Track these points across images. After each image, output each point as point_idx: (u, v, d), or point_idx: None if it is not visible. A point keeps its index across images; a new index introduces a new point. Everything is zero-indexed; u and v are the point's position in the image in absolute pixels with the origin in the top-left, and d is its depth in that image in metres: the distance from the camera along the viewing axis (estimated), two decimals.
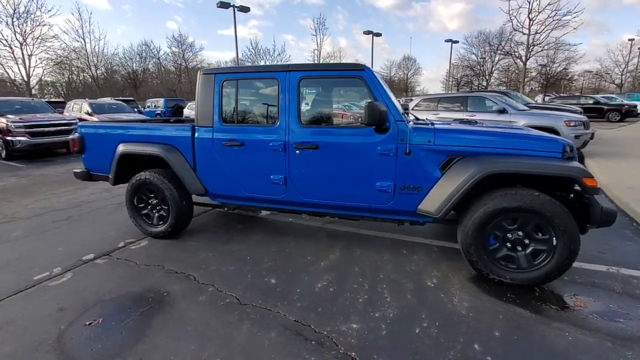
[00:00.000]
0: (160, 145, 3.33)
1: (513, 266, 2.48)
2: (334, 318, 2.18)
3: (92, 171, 3.82)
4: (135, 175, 3.43)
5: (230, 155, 3.09)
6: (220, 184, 3.23)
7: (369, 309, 2.28)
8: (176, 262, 2.99)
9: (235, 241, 3.44)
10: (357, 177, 2.80)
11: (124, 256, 3.13)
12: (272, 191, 3.06)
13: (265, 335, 2.03)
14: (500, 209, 2.38)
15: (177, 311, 2.29)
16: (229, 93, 3.11)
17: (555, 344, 1.93)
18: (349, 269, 2.83)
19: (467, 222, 2.50)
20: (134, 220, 3.55)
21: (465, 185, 2.42)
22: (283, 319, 2.18)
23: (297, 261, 2.98)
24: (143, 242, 3.45)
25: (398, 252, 3.12)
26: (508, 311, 2.23)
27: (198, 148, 3.20)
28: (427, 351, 1.88)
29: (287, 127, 2.89)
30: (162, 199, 3.40)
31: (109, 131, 3.61)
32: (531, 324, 2.11)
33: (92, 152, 3.73)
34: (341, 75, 2.85)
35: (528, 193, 2.34)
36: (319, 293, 2.48)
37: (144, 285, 2.63)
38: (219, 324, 2.14)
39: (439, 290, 2.49)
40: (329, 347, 1.92)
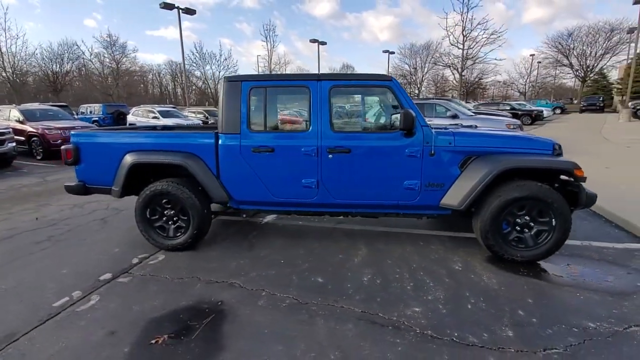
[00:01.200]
0: (180, 153, 3.21)
1: (522, 246, 2.96)
2: (395, 305, 2.40)
3: (89, 184, 3.48)
4: (148, 186, 3.24)
5: (259, 162, 3.12)
6: (247, 191, 3.22)
7: (420, 294, 2.54)
8: (210, 272, 2.92)
9: (259, 247, 3.45)
10: (387, 178, 3.06)
11: (147, 272, 2.95)
12: (303, 195, 3.16)
13: (344, 327, 2.17)
14: (512, 199, 2.84)
15: (242, 317, 2.28)
16: (256, 100, 3.14)
17: (575, 302, 2.40)
18: (383, 262, 3.07)
19: (484, 212, 2.92)
20: (145, 234, 3.33)
21: (485, 180, 2.83)
22: (351, 312, 2.33)
23: (330, 260, 3.13)
24: (159, 256, 3.27)
25: (416, 244, 3.45)
26: (528, 282, 2.68)
27: (223, 155, 3.16)
28: (487, 321, 2.20)
29: (319, 132, 3.04)
30: (181, 210, 3.27)
31: (111, 140, 3.35)
32: (549, 290, 2.58)
33: (89, 163, 3.41)
34: (370, 85, 3.10)
35: (533, 184, 2.84)
36: (368, 286, 2.67)
37: (190, 297, 2.54)
38: (293, 323, 2.21)
39: (467, 272, 2.86)
40: (406, 330, 2.13)
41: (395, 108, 3.11)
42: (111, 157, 3.33)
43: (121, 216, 4.53)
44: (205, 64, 33.53)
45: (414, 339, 2.04)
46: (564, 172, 2.92)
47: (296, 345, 2.01)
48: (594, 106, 32.61)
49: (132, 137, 3.34)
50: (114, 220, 4.39)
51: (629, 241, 3.44)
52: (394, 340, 2.04)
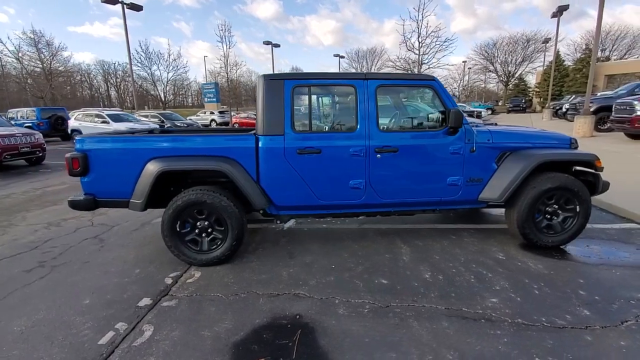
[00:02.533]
0: (215, 158, 2.92)
1: (552, 232, 3.24)
2: (472, 299, 2.45)
3: (101, 197, 2.99)
4: (178, 195, 2.90)
5: (305, 164, 2.98)
6: (291, 195, 3.05)
7: (487, 285, 2.64)
8: (266, 285, 2.70)
9: (300, 254, 3.28)
10: (432, 175, 3.13)
11: (192, 292, 2.62)
12: (350, 196, 3.09)
13: (440, 325, 2.16)
14: (545, 189, 3.09)
15: (332, 328, 2.15)
16: (300, 100, 2.99)
17: (615, 278, 2.69)
18: (430, 258, 3.12)
19: (521, 203, 3.13)
20: (175, 249, 2.97)
21: (523, 173, 3.04)
22: (435, 310, 2.33)
23: (380, 261, 3.10)
24: (195, 272, 2.93)
25: (449, 238, 3.57)
26: (568, 265, 2.94)
27: (265, 158, 2.95)
28: (559, 302, 2.36)
29: (367, 132, 2.99)
30: (217, 220, 2.97)
31: (129, 145, 2.93)
32: (589, 270, 2.85)
33: (102, 173, 2.93)
34: (414, 85, 3.14)
35: (562, 175, 3.12)
36: (434, 282, 2.70)
37: (262, 314, 2.32)
38: (389, 328, 2.14)
39: (512, 260, 3.04)
40: (498, 321, 2.19)
41: (434, 107, 3.20)
42: (130, 165, 2.91)
43: (117, 233, 3.99)
44: (152, 64, 30.94)
45: (511, 329, 2.11)
46: (587, 164, 3.26)
47: (408, 350, 1.95)
48: (518, 107, 37.02)
49: (156, 141, 2.95)
50: (111, 237, 3.84)
51: (620, 222, 3.96)
52: (495, 332, 2.08)
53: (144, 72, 30.72)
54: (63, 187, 6.52)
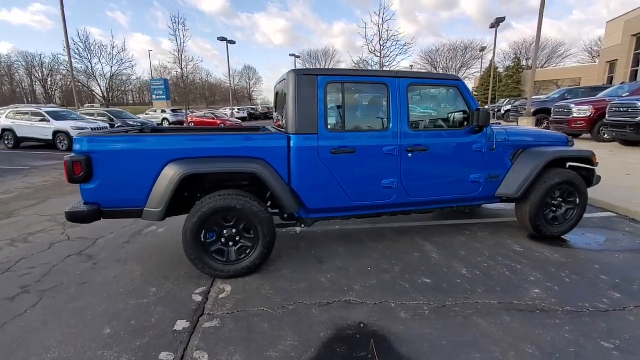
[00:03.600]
0: (245, 159, 2.66)
1: (557, 223, 3.51)
2: (517, 291, 2.54)
3: (108, 206, 2.55)
4: (202, 201, 2.58)
5: (339, 164, 2.85)
6: (324, 196, 2.90)
7: (521, 276, 2.76)
8: (310, 294, 2.53)
9: (328, 258, 3.14)
10: (457, 173, 3.20)
11: (232, 309, 2.35)
12: (382, 196, 3.03)
13: (504, 320, 2.19)
14: (554, 184, 3.34)
15: (405, 334, 2.07)
16: (334, 97, 2.85)
17: (621, 262, 2.99)
18: (457, 254, 3.19)
19: (533, 197, 3.34)
20: (199, 262, 2.65)
21: (537, 169, 3.25)
22: (491, 305, 2.37)
23: (412, 260, 3.08)
24: (224, 287, 2.65)
25: (464, 234, 3.70)
26: (580, 253, 3.20)
27: (297, 159, 2.76)
28: (590, 288, 2.56)
29: (399, 131, 2.96)
30: (245, 227, 2.71)
31: (146, 146, 2.53)
32: (595, 256, 3.13)
33: (110, 178, 2.50)
34: (441, 84, 3.16)
35: (567, 171, 3.40)
36: (474, 278, 2.75)
37: (322, 327, 2.15)
38: (458, 328, 2.12)
39: (530, 252, 3.23)
40: (551, 311, 2.29)
41: (455, 106, 3.27)
42: (145, 169, 2.53)
43: (105, 247, 3.46)
44: (93, 57, 27.57)
45: (566, 317, 2.22)
46: (586, 159, 3.58)
47: (488, 348, 1.94)
48: None
49: (176, 141, 2.59)
50: (100, 253, 3.32)
51: (597, 212, 4.44)
52: (554, 322, 2.18)
53: (82, 65, 27.40)
54: (9, 195, 5.52)
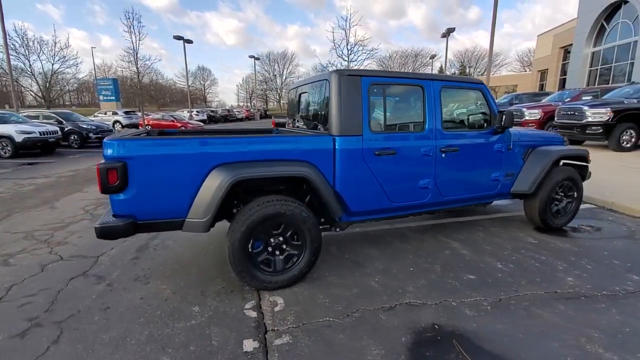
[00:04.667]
0: (293, 162, 2.52)
1: (560, 216, 3.83)
2: (554, 280, 2.72)
3: (145, 218, 2.25)
4: (249, 209, 2.40)
5: (381, 166, 2.83)
6: (367, 199, 2.85)
7: (551, 267, 2.95)
8: (368, 299, 2.47)
9: (365, 261, 3.09)
10: (482, 171, 3.35)
11: (295, 322, 2.21)
12: (417, 196, 3.06)
13: (559, 308, 2.33)
14: (559, 180, 3.65)
15: (481, 331, 2.09)
16: (376, 98, 2.82)
17: (622, 247, 3.35)
18: (483, 250, 3.33)
19: (542, 193, 3.62)
20: (246, 275, 2.45)
21: (546, 167, 3.52)
22: (540, 295, 2.50)
23: (447, 257, 3.15)
24: (273, 298, 2.48)
25: (480, 229, 3.88)
26: (586, 241, 3.53)
27: (343, 161, 2.69)
28: (612, 272, 2.82)
29: (434, 132, 3.02)
30: (293, 234, 2.57)
31: (189, 149, 2.28)
32: (599, 243, 3.47)
33: (148, 186, 2.21)
34: (469, 87, 3.28)
35: (568, 168, 3.73)
36: (511, 271, 2.89)
37: (398, 333, 2.10)
38: (526, 320, 2.20)
39: (545, 243, 3.49)
40: (592, 297, 2.49)
41: (477, 108, 3.43)
42: (188, 175, 2.28)
43: (112, 265, 3.07)
44: (31, 53, 24.18)
45: (607, 300, 2.42)
46: (583, 157, 3.95)
47: (560, 336, 2.04)
48: None
49: (223, 144, 2.37)
50: (110, 272, 2.93)
51: None
52: (599, 306, 2.36)
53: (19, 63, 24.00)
54: None
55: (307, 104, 3.42)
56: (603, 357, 1.88)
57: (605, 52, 19.26)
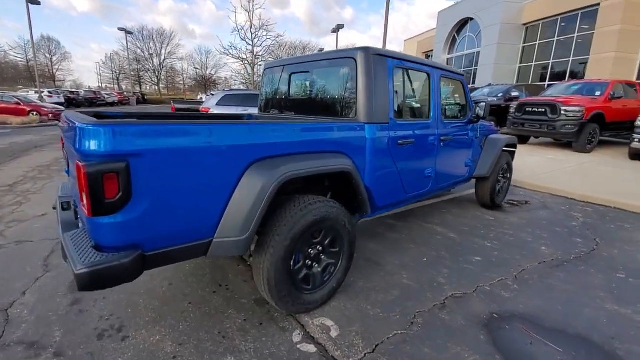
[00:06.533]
0: (331, 155, 2.08)
1: (501, 194, 4.47)
2: (536, 252, 3.12)
3: (156, 247, 1.44)
4: (291, 217, 1.86)
5: (402, 156, 2.65)
6: (389, 192, 2.64)
7: (522, 240, 3.38)
8: (412, 300, 2.30)
9: (377, 257, 2.90)
10: (462, 158, 3.56)
11: (366, 347, 1.86)
12: (423, 186, 3.03)
13: (561, 276, 2.67)
14: (504, 163, 4.24)
15: (532, 311, 2.20)
16: (398, 83, 2.56)
17: (552, 217, 4.15)
18: (464, 230, 3.59)
19: (493, 175, 4.13)
20: (288, 299, 1.93)
21: (499, 153, 4.01)
22: (538, 267, 2.82)
23: (444, 243, 3.25)
24: (323, 321, 2.04)
25: (444, 213, 4.17)
26: (523, 214, 4.21)
27: (374, 152, 2.38)
28: (558, 237, 3.43)
29: (437, 121, 3.00)
30: (332, 240, 2.15)
31: (223, 140, 1.57)
32: (534, 215, 4.20)
33: (165, 197, 1.42)
34: (455, 78, 3.33)
35: (506, 153, 4.36)
36: (501, 248, 3.18)
37: (470, 331, 2.01)
38: (563, 291, 2.43)
39: (500, 218, 3.99)
40: (569, 261, 2.96)
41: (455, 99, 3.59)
42: (219, 176, 1.59)
43: (37, 312, 1.98)
44: None
45: (581, 263, 2.92)
46: (515, 144, 4.63)
47: (597, 295, 2.34)
48: None
49: (262, 133, 1.71)
50: (43, 328, 1.87)
51: None
52: (581, 269, 2.82)
53: None
54: None
55: (309, 87, 2.91)
56: (620, 312, 2.24)
57: (456, 59, 23.79)
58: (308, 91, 2.88)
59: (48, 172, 5.79)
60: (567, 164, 7.04)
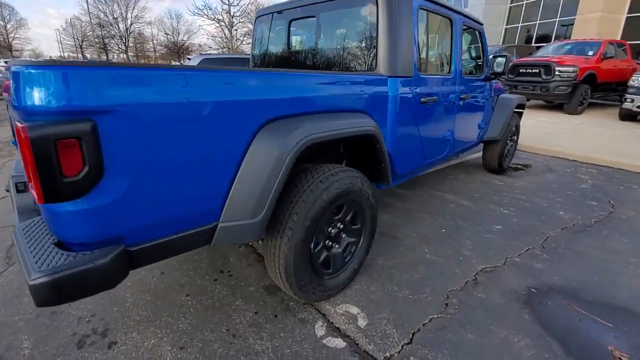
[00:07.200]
0: (352, 114, 1.71)
1: (507, 157, 4.25)
2: (556, 217, 2.95)
3: (143, 239, 1.07)
4: (309, 192, 1.51)
5: (425, 116, 2.31)
6: (409, 158, 2.32)
7: (538, 205, 3.20)
8: (440, 278, 2.06)
9: (390, 230, 2.63)
10: (476, 119, 3.25)
11: (403, 338, 1.61)
12: (441, 150, 2.72)
13: (587, 242, 2.51)
14: (512, 125, 3.98)
15: (569, 284, 2.02)
16: (421, 28, 2.15)
17: (559, 180, 3.99)
18: (476, 197, 3.37)
19: (503, 138, 3.88)
20: (308, 287, 1.64)
21: (510, 114, 3.73)
22: (562, 234, 2.65)
23: (459, 211, 3.02)
24: (348, 308, 1.77)
25: (454, 180, 3.93)
26: (531, 178, 4.03)
27: (397, 111, 2.02)
28: (573, 200, 3.28)
29: (457, 76, 2.64)
30: (354, 215, 1.84)
31: (235, 94, 1.16)
32: (541, 179, 4.04)
33: (153, 171, 1.02)
34: (474, 28, 2.92)
35: (515, 114, 4.09)
36: (519, 214, 2.98)
37: (510, 310, 1.80)
38: (593, 259, 2.26)
39: (509, 183, 3.79)
40: (591, 225, 2.80)
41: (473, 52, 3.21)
42: (224, 140, 1.20)
43: None
44: None
45: (602, 227, 2.77)
46: (524, 105, 4.36)
47: (620, 268, 2.18)
48: None
49: (278, 83, 1.31)
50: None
51: None
52: (604, 233, 2.66)
53: None
54: None
55: (314, 36, 2.44)
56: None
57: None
58: (313, 42, 2.42)
59: (9, 149, 5.10)
60: (561, 126, 6.93)
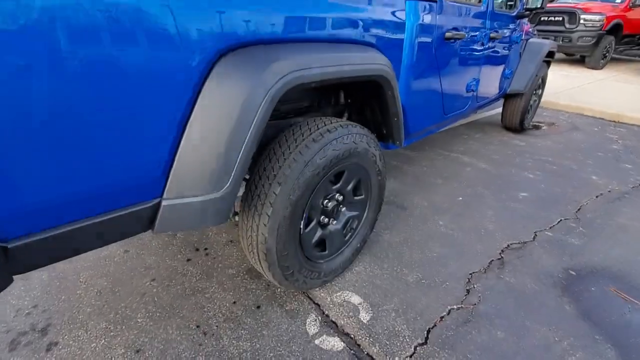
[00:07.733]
0: (357, 47, 1.25)
1: (528, 115, 3.76)
2: (589, 182, 2.57)
3: (37, 228, 0.68)
4: (298, 150, 1.11)
5: (448, 57, 1.83)
6: (427, 112, 1.88)
7: (566, 168, 2.80)
8: (463, 258, 1.72)
9: (398, 198, 2.26)
10: (503, 68, 2.74)
11: (416, 337, 1.29)
12: (463, 104, 2.26)
13: (627, 211, 2.15)
14: (541, 77, 3.44)
15: (613, 264, 1.68)
16: None
17: (587, 139, 3.55)
18: (496, 159, 2.95)
19: (528, 92, 3.35)
20: (297, 275, 1.29)
21: (540, 63, 3.18)
22: (598, 202, 2.28)
23: (476, 176, 2.62)
24: (346, 297, 1.45)
25: (469, 139, 3.48)
26: (556, 137, 3.57)
27: (415, 47, 1.54)
28: (605, 163, 2.88)
29: (488, 9, 2.10)
30: (356, 184, 1.44)
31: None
32: (569, 137, 3.58)
33: (50, 119, 0.61)
34: None
35: (544, 63, 3.53)
36: (545, 179, 2.59)
37: (547, 296, 1.48)
38: (632, 237, 1.91)
39: (532, 143, 3.34)
40: (628, 192, 2.43)
41: None
42: (161, 76, 0.76)
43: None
44: None
45: None
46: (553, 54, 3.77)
47: None
48: None
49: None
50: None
51: None
52: None
53: None
54: None
55: None
56: None
57: None
58: None
59: None
60: (584, 81, 6.31)
